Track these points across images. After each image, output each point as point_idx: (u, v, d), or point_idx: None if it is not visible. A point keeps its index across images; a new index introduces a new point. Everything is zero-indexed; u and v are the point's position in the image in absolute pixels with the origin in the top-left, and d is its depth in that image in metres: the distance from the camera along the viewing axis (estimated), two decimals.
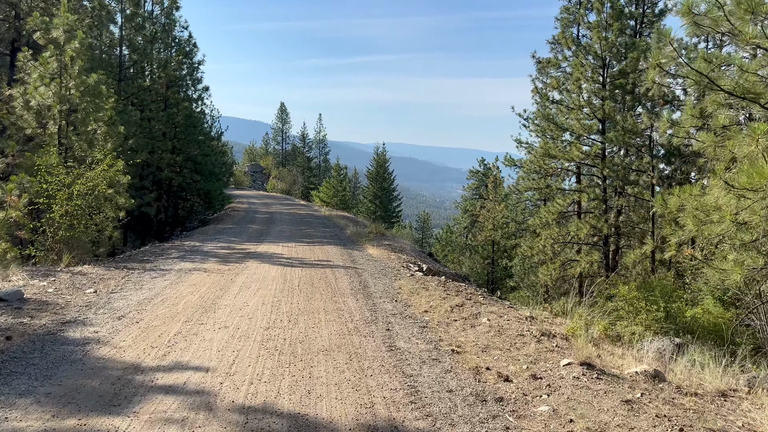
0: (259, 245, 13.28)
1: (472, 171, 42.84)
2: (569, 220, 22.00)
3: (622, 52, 18.52)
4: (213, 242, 13.85)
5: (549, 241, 21.28)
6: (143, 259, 10.82)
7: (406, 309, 6.62)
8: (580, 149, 20.14)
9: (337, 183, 41.82)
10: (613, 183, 19.85)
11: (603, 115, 18.59)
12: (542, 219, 21.94)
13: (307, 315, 6.27)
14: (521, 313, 6.19)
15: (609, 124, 18.56)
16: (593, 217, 19.34)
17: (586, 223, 19.50)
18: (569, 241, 20.90)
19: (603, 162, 18.88)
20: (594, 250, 20.14)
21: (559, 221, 21.87)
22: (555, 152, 20.90)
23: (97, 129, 14.19)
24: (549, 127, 22.22)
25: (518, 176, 31.53)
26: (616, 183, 19.76)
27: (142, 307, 6.64)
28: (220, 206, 24.37)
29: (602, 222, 18.70)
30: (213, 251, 11.99)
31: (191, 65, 22.83)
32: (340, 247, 12.93)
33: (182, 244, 13.48)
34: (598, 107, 18.72)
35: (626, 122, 18.20)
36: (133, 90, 18.34)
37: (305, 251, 12.17)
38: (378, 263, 10.66)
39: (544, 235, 21.58)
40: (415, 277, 9.15)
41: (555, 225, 21.62)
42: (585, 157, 20.32)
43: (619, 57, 18.55)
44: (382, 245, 13.24)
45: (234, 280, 8.50)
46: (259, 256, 11.31)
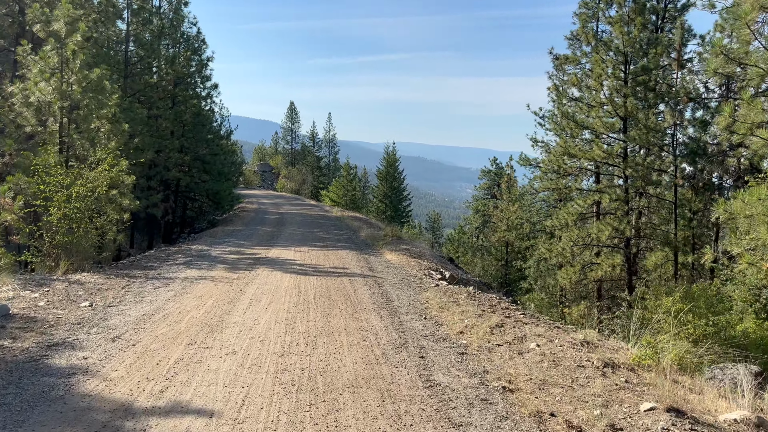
0: (270, 249, 12.54)
1: (484, 170, 42.00)
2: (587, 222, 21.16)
3: (644, 47, 17.72)
4: (221, 246, 13.13)
5: (568, 243, 20.42)
6: (147, 266, 10.11)
7: (438, 329, 5.82)
8: (601, 148, 19.26)
9: (347, 182, 41.15)
10: (635, 183, 19.11)
11: (625, 112, 17.74)
12: (561, 220, 21.12)
13: (326, 336, 5.49)
14: (574, 337, 5.36)
15: (630, 122, 17.75)
16: (614, 218, 18.49)
17: (608, 225, 18.64)
18: (590, 244, 20.09)
19: (625, 161, 18.05)
20: (615, 252, 19.30)
21: (578, 223, 21.13)
22: (575, 151, 20.04)
23: (100, 127, 13.52)
24: (568, 125, 21.36)
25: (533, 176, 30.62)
26: (638, 183, 19.04)
27: (141, 325, 5.90)
28: (229, 207, 23.70)
29: (624, 224, 17.85)
30: (221, 256, 11.26)
31: (200, 62, 22.15)
32: (355, 252, 12.14)
33: (189, 248, 12.77)
34: (619, 104, 17.87)
35: (648, 120, 17.45)
36: (140, 87, 17.69)
37: (319, 256, 11.40)
38: (398, 271, 9.86)
39: (564, 237, 20.71)
40: (440, 287, 8.34)
41: (574, 227, 20.86)
42: (606, 156, 19.44)
43: (641, 53, 17.74)
44: (399, 250, 12.45)
45: (244, 291, 7.74)
46: (270, 262, 10.55)
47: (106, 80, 12.95)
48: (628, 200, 18.65)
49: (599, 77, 18.67)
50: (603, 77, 18.66)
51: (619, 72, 17.83)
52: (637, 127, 17.19)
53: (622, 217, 17.68)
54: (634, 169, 18.28)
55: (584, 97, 20.82)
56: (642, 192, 19.82)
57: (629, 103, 17.43)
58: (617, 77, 17.99)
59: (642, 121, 17.78)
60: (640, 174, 17.58)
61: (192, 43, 21.42)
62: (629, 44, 17.63)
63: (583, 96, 20.98)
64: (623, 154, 18.03)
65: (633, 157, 18.63)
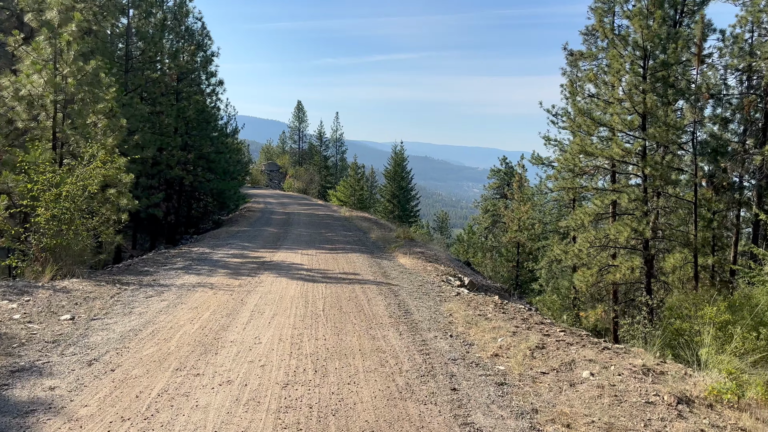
0: (276, 252, 11.75)
1: (494, 170, 41.19)
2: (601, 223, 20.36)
3: (663, 42, 16.94)
4: (224, 248, 12.37)
5: (585, 244, 19.54)
6: (143, 270, 9.35)
7: (468, 350, 4.99)
8: (620, 146, 18.39)
9: (354, 182, 40.51)
10: (654, 182, 18.35)
11: (644, 109, 16.95)
12: (577, 221, 20.30)
13: (338, 360, 4.68)
14: (632, 363, 4.50)
15: (649, 119, 16.97)
16: (633, 219, 17.67)
17: (626, 225, 17.78)
18: (607, 246, 19.26)
19: (643, 160, 17.24)
20: (633, 254, 18.47)
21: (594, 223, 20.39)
22: (592, 149, 19.19)
23: (96, 122, 12.80)
24: (584, 122, 20.53)
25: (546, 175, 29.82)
26: (657, 182, 18.28)
27: (125, 344, 5.12)
28: (234, 207, 22.97)
29: (643, 224, 17.01)
30: (223, 260, 10.48)
31: (205, 57, 21.43)
32: (366, 256, 11.33)
33: (190, 251, 12.02)
34: (638, 101, 17.05)
35: (668, 117, 16.65)
36: (141, 82, 16.98)
37: (328, 260, 10.60)
38: (414, 277, 9.04)
39: (580, 238, 19.85)
40: (462, 296, 7.51)
41: (591, 227, 20.06)
42: (625, 155, 18.57)
43: (661, 47, 16.93)
44: (413, 253, 11.62)
45: (245, 301, 6.95)
46: (275, 266, 9.76)
47: (102, 73, 12.22)
48: (646, 200, 17.87)
49: (618, 72, 17.83)
50: (621, 72, 17.84)
51: (637, 67, 17.06)
52: (656, 125, 16.50)
53: (641, 218, 16.92)
54: (654, 168, 17.52)
55: (601, 94, 20.08)
56: (660, 192, 19.08)
57: (649, 100, 16.63)
58: (636, 73, 17.20)
59: (661, 118, 17.09)
60: (660, 173, 16.86)
61: (196, 37, 20.70)
62: (649, 38, 16.85)
63: (600, 92, 20.25)
64: (642, 152, 17.26)
65: (652, 155, 17.87)
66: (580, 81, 22.30)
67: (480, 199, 42.91)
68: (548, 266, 31.54)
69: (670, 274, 19.00)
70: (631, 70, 17.77)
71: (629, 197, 18.88)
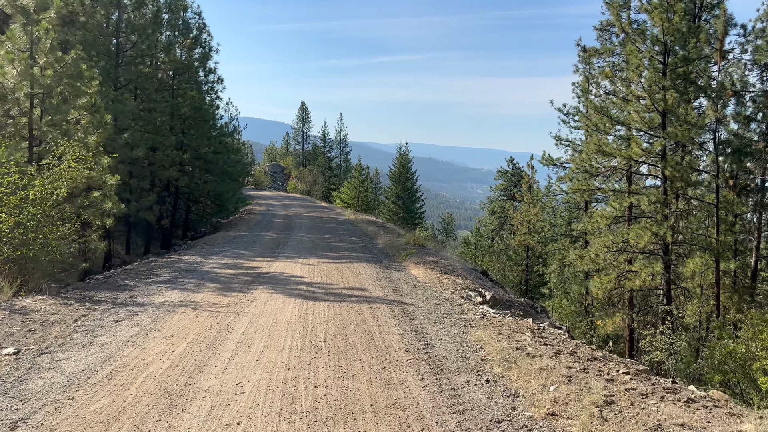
0: (274, 261, 10.61)
1: (501, 171, 40.11)
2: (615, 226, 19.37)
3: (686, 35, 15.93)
4: (218, 256, 11.24)
5: (602, 249, 18.40)
6: (121, 284, 8.23)
7: (513, 406, 3.81)
8: (640, 145, 17.24)
9: (358, 183, 39.62)
10: (675, 184, 17.33)
11: (664, 106, 15.88)
12: (593, 224, 19.19)
13: (344, 423, 3.52)
14: (740, 430, 3.32)
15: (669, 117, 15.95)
16: (653, 222, 16.59)
17: (647, 229, 16.65)
18: (626, 251, 18.17)
19: (664, 160, 16.16)
20: (652, 259, 17.47)
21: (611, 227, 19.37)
22: (609, 149, 18.08)
23: (79, 118, 11.71)
24: (601, 120, 19.46)
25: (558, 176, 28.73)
26: (678, 184, 17.26)
27: (70, 393, 3.98)
28: (233, 209, 21.86)
29: (664, 228, 15.89)
30: (214, 271, 9.34)
31: (203, 53, 20.35)
32: (374, 266, 10.17)
33: (179, 260, 10.89)
34: (659, 98, 15.95)
35: (689, 115, 15.61)
36: (133, 77, 15.89)
37: (331, 272, 9.44)
38: (429, 292, 7.87)
39: (597, 242, 18.71)
40: (489, 319, 6.34)
41: (609, 231, 18.98)
42: (645, 155, 17.45)
43: (682, 41, 15.91)
44: (426, 263, 10.46)
45: (231, 326, 5.80)
46: (271, 279, 8.62)
47: (83, 64, 11.12)
48: (667, 203, 16.86)
49: (637, 68, 16.70)
50: (641, 68, 16.72)
51: (657, 63, 16.00)
52: (676, 123, 15.50)
53: (661, 222, 15.89)
54: (676, 169, 16.44)
55: (618, 91, 19.05)
56: (680, 193, 18.11)
57: (670, 97, 15.56)
58: (656, 69, 16.10)
59: (682, 116, 16.06)
60: (681, 174, 15.85)
61: (193, 32, 19.62)
62: (669, 33, 15.79)
63: (617, 89, 19.23)
64: (662, 152, 16.23)
65: (672, 155, 16.87)
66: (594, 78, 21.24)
67: (486, 201, 41.90)
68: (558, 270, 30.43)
69: (689, 279, 18.01)
70: (650, 66, 16.73)
71: (649, 200, 17.76)
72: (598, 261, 18.27)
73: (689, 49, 16.03)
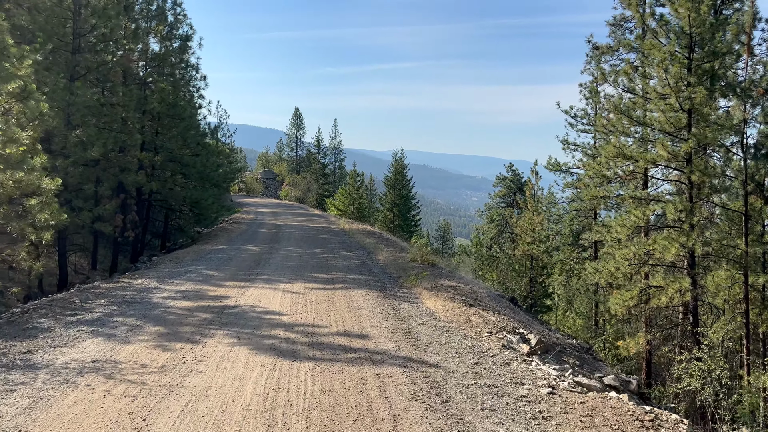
0: (248, 287, 8.30)
1: (500, 177, 38.20)
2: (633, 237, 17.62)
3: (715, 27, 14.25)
4: (179, 279, 8.91)
5: (623, 262, 16.31)
6: (30, 327, 5.90)
7: None
8: (667, 148, 15.19)
9: (353, 190, 37.79)
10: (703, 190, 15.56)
11: (690, 105, 14.01)
12: (613, 234, 17.06)
13: None
14: None
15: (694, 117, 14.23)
16: (681, 232, 14.70)
17: (674, 240, 14.65)
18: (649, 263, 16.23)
19: (690, 164, 14.33)
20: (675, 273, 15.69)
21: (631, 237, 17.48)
22: (630, 152, 16.06)
23: (9, 108, 9.39)
24: (619, 121, 17.43)
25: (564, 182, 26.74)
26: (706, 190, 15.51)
27: None
28: (214, 218, 19.49)
29: (693, 238, 14.02)
30: (164, 304, 7.01)
31: (181, 45, 18.07)
32: (376, 294, 7.87)
33: (129, 285, 8.55)
34: (685, 96, 14.09)
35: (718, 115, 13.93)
36: (92, 65, 13.59)
37: (321, 304, 7.13)
38: (458, 340, 5.60)
39: (618, 255, 16.60)
40: (565, 400, 4.06)
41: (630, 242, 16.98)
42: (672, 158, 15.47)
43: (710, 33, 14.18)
44: (441, 288, 8.18)
45: (150, 424, 3.50)
46: (238, 319, 6.30)
47: (8, 38, 8.81)
48: (693, 210, 14.94)
49: (662, 62, 14.65)
50: (666, 63, 14.71)
51: (682, 58, 14.13)
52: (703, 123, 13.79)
53: (689, 231, 14.03)
54: (705, 173, 14.51)
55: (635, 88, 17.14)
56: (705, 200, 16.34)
57: (698, 94, 13.66)
58: (681, 64, 14.19)
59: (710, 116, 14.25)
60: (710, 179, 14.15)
61: (168, 19, 17.35)
62: (696, 24, 13.98)
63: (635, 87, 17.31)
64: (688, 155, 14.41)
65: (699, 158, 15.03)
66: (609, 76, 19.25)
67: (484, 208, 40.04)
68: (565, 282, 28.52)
69: (714, 294, 16.12)
70: (675, 62, 14.74)
71: (676, 207, 15.65)
72: (617, 275, 16.33)
73: (715, 43, 14.28)
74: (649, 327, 17.56)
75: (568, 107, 23.26)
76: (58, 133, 12.04)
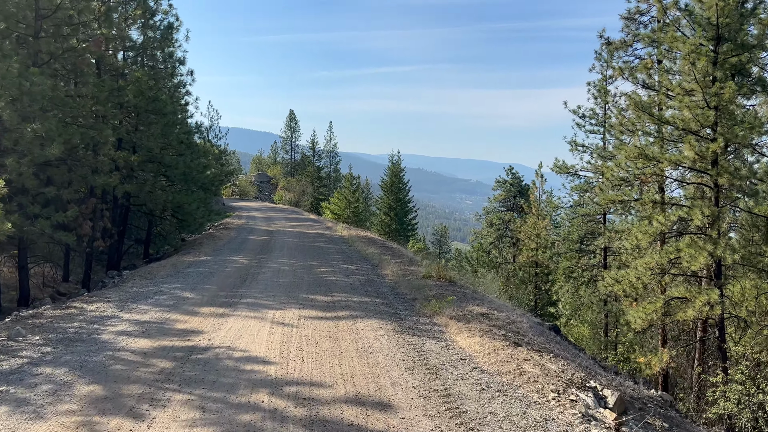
0: (228, 315, 6.58)
1: (499, 181, 36.74)
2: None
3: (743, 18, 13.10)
4: (144, 304, 7.18)
5: (645, 272, 14.86)
6: None
7: None
8: (695, 148, 13.75)
9: (349, 194, 36.32)
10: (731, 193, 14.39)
11: (717, 102, 12.71)
12: (632, 241, 15.62)
13: None
14: None
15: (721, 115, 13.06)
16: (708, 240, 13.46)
17: (701, 249, 13.28)
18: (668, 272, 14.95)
19: (716, 166, 13.04)
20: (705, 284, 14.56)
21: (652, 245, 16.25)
22: (653, 153, 14.66)
23: None
24: (640, 119, 16.05)
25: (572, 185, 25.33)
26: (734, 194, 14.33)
27: None
28: (200, 224, 17.73)
29: (721, 246, 12.74)
30: (114, 345, 5.28)
31: (163, 34, 16.35)
32: (391, 325, 6.18)
33: (80, 312, 6.82)
34: (712, 92, 12.79)
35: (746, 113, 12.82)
36: (55, 50, 11.85)
37: (320, 344, 5.43)
38: (515, 405, 3.94)
39: (639, 264, 15.19)
40: None
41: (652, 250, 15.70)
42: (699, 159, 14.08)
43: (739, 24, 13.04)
44: (473, 318, 6.50)
45: None
46: (208, 371, 4.58)
47: None
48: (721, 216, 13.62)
49: (690, 54, 13.19)
50: (693, 56, 13.26)
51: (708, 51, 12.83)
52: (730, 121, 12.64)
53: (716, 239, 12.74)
54: (735, 176, 13.16)
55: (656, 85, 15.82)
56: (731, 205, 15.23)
57: (728, 90, 12.34)
58: (707, 57, 12.85)
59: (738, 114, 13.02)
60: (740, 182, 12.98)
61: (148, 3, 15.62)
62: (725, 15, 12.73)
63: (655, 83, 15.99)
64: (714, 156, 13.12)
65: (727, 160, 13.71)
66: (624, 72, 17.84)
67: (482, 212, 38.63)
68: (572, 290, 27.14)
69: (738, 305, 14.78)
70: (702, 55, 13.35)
71: (703, 213, 14.14)
72: (637, 285, 14.87)
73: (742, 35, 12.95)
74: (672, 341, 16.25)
75: (576, 107, 21.83)
76: (11, 127, 10.30)
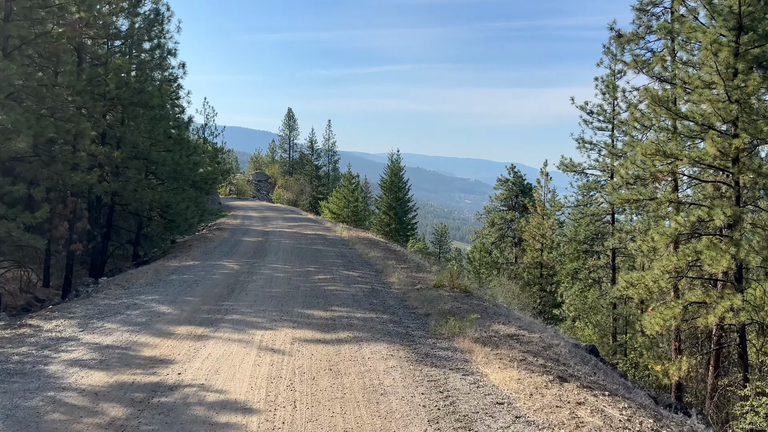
0: (207, 338, 5.50)
1: (501, 180, 35.88)
2: None
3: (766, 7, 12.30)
4: (111, 322, 6.09)
5: (663, 276, 13.96)
6: None
7: None
8: (717, 144, 12.82)
9: (348, 193, 35.42)
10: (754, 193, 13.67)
11: (739, 95, 11.85)
12: (648, 243, 14.79)
13: None
14: None
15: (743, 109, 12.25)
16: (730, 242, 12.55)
17: (723, 251, 12.35)
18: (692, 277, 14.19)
19: (737, 164, 12.20)
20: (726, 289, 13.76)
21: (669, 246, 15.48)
22: (671, 150, 13.77)
23: None
24: (656, 114, 15.21)
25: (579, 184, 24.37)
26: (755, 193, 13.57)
27: None
28: (190, 225, 16.61)
29: (744, 249, 11.89)
30: (60, 381, 4.19)
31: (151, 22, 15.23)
32: (404, 353, 5.10)
33: (34, 332, 5.73)
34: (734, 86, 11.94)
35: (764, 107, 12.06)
36: (28, 34, 10.74)
37: (317, 382, 4.35)
38: None
39: (657, 267, 14.33)
40: None
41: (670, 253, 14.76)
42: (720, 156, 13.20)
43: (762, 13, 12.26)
44: (499, 341, 5.44)
45: None
46: (170, 425, 3.50)
47: None
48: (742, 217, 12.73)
49: (712, 45, 12.23)
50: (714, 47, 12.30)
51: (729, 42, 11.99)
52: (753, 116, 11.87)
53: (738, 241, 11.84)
54: (760, 173, 12.31)
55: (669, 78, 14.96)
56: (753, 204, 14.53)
57: (752, 82, 11.50)
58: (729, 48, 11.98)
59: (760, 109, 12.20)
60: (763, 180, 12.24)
61: None
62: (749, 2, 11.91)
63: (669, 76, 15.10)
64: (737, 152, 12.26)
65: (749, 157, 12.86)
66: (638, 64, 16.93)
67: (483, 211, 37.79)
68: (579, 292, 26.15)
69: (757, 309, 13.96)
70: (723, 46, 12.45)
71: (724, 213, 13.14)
72: (653, 289, 13.95)
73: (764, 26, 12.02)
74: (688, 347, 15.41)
75: (583, 103, 20.86)
76: None
